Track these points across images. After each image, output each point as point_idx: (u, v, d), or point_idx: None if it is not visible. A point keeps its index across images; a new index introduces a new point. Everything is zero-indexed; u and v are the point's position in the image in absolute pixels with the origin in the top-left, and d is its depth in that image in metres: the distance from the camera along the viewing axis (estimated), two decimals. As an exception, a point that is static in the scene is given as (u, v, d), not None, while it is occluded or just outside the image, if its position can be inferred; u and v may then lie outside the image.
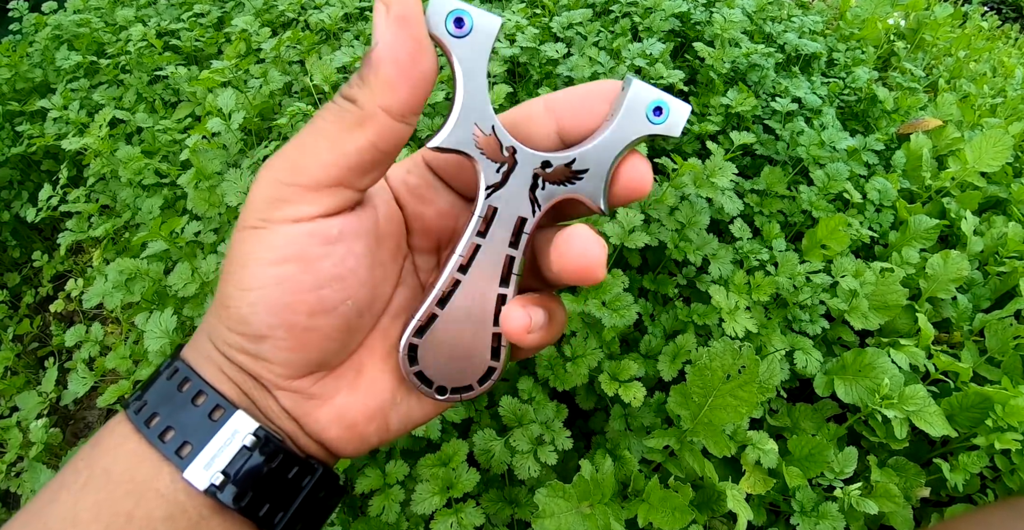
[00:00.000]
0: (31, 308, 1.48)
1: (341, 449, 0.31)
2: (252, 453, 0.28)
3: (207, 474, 0.27)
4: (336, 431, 0.30)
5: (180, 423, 0.27)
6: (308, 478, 0.30)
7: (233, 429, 0.28)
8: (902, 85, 1.41)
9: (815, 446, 0.81)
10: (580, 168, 0.29)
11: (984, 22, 2.30)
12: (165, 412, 0.28)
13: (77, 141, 1.05)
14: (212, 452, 0.27)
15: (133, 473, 0.27)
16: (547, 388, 0.82)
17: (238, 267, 0.27)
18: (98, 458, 0.28)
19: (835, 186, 1.04)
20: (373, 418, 0.31)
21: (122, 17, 1.42)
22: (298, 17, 1.28)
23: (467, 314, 0.30)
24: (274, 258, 0.27)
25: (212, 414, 0.28)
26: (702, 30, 1.24)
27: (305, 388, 0.30)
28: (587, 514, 0.65)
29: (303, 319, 0.28)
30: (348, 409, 0.30)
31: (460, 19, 0.26)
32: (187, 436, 0.27)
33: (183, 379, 0.29)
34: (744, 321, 0.83)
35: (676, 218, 0.92)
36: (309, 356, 0.29)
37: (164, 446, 0.27)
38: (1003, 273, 1.08)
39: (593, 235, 0.27)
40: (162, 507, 0.26)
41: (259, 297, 0.27)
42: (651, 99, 0.28)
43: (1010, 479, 0.85)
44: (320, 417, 0.30)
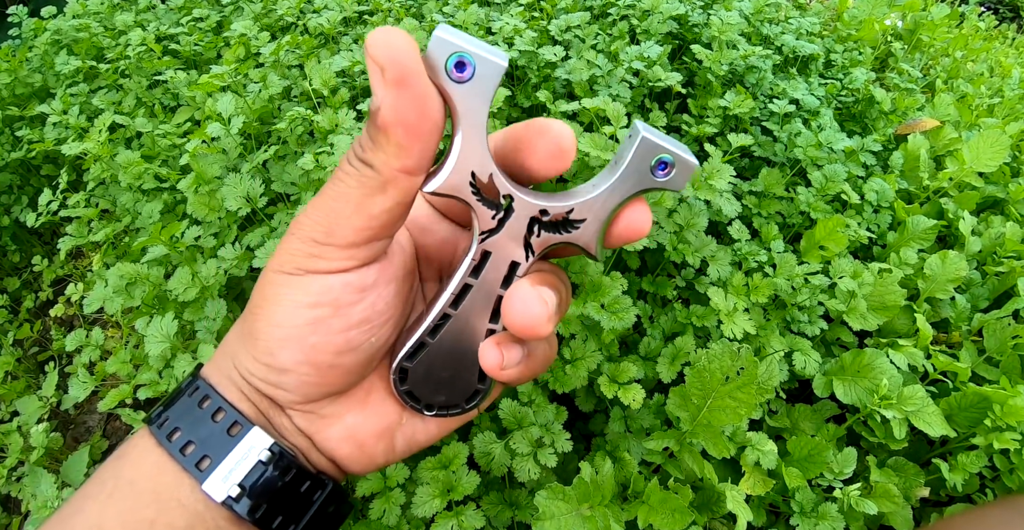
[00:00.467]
0: (31, 313, 1.48)
1: (350, 467, 0.33)
2: (267, 467, 0.29)
3: (224, 486, 0.28)
4: (346, 449, 0.32)
5: (200, 438, 0.29)
6: (319, 493, 0.31)
7: (250, 445, 0.29)
8: (899, 86, 1.42)
9: (814, 447, 0.81)
10: (578, 218, 0.29)
11: (981, 22, 2.30)
12: (186, 427, 0.29)
13: (77, 146, 1.05)
14: (230, 466, 0.29)
15: (156, 484, 0.28)
16: (547, 391, 0.82)
17: (271, 305, 0.29)
18: (122, 470, 0.29)
19: (833, 187, 1.05)
20: (381, 438, 0.33)
21: (121, 22, 1.43)
22: (297, 21, 1.28)
23: (455, 345, 0.31)
24: (309, 302, 0.28)
25: (230, 430, 0.29)
26: (700, 32, 1.25)
27: (318, 409, 0.31)
28: (587, 516, 0.65)
29: (329, 358, 0.29)
30: (358, 428, 0.32)
31: (462, 63, 0.24)
32: (207, 450, 0.29)
33: (203, 397, 0.30)
34: (743, 323, 0.84)
35: (674, 220, 0.92)
36: (328, 389, 0.31)
37: (185, 459, 0.29)
38: (1001, 273, 1.08)
39: (534, 293, 0.27)
40: (183, 517, 0.28)
41: (289, 335, 0.29)
42: (658, 154, 0.27)
43: (1009, 479, 0.85)
44: (331, 435, 0.32)
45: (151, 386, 0.83)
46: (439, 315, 0.30)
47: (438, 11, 1.23)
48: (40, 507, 0.95)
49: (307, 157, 0.85)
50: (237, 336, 0.31)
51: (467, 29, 1.12)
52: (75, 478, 1.10)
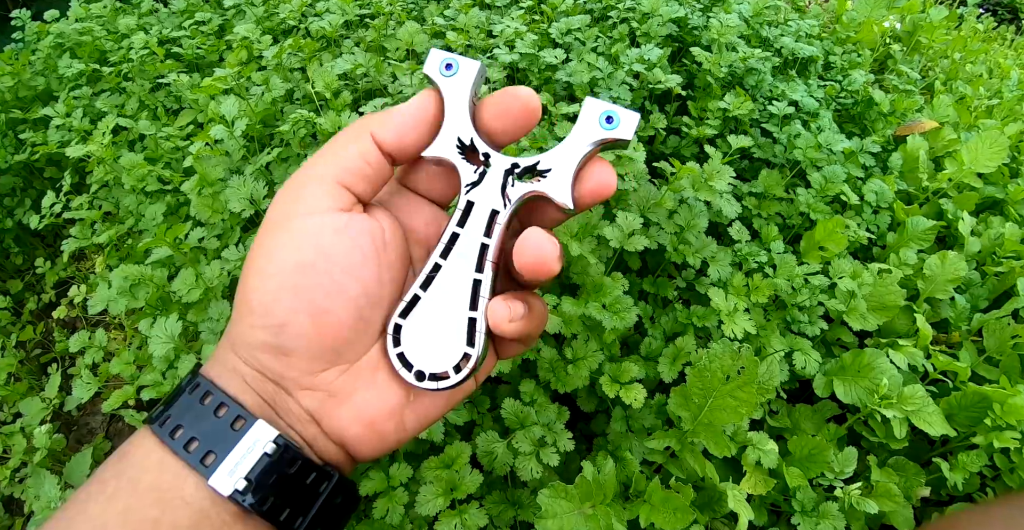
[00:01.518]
0: (34, 314, 1.48)
1: (361, 448, 0.33)
2: (272, 460, 0.29)
3: (231, 481, 0.28)
4: (357, 429, 0.32)
5: (203, 434, 0.29)
6: (325, 484, 0.31)
7: (255, 438, 0.29)
8: (898, 87, 1.42)
9: (815, 446, 0.82)
10: (544, 168, 0.33)
11: (980, 24, 2.31)
12: (188, 424, 0.29)
13: (80, 148, 1.06)
14: (235, 460, 0.29)
15: (159, 482, 0.28)
16: (548, 390, 0.83)
17: (261, 258, 0.31)
18: (124, 469, 0.29)
19: (832, 188, 1.05)
20: (391, 415, 0.33)
21: (124, 25, 1.44)
22: (299, 24, 1.29)
23: (446, 297, 0.33)
24: (293, 244, 0.30)
25: (234, 424, 0.29)
26: (699, 35, 1.25)
27: (327, 384, 0.31)
28: (589, 515, 0.66)
29: (320, 299, 0.30)
30: (367, 406, 0.32)
31: (449, 64, 0.34)
32: (211, 445, 0.29)
33: (205, 393, 0.30)
34: (743, 323, 0.84)
35: (675, 221, 0.93)
36: (327, 342, 0.31)
37: (189, 456, 0.29)
38: (1000, 273, 1.08)
39: (545, 235, 0.31)
40: (187, 515, 0.28)
41: (280, 282, 0.30)
42: (603, 110, 0.33)
43: (1010, 478, 0.86)
44: (342, 415, 0.32)
45: (154, 387, 0.84)
46: (431, 266, 0.33)
47: (439, 14, 1.24)
48: (43, 508, 0.95)
49: (310, 159, 0.86)
50: (233, 319, 0.32)
51: (469, 32, 1.13)
52: (78, 479, 1.10)
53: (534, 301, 0.33)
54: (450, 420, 0.80)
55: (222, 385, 0.31)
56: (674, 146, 1.17)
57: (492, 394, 0.87)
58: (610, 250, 0.88)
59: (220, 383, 0.31)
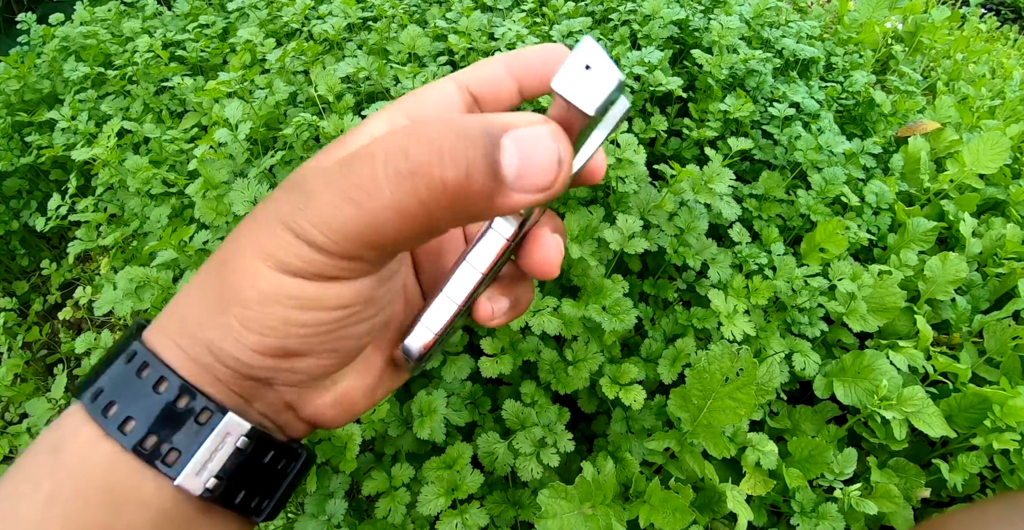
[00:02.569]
0: (40, 316, 1.50)
1: (330, 425, 0.31)
2: (245, 454, 0.27)
3: (199, 480, 0.26)
4: (334, 412, 0.31)
5: (163, 428, 0.26)
6: (292, 464, 0.30)
7: (225, 432, 0.26)
8: (900, 88, 1.42)
9: (815, 447, 0.82)
10: None
11: (982, 24, 2.31)
12: (141, 416, 0.25)
13: (86, 151, 1.07)
14: (204, 457, 0.26)
15: (107, 484, 0.25)
16: (549, 392, 0.83)
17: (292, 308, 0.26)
18: (62, 466, 0.25)
19: (833, 190, 1.05)
20: (366, 394, 0.31)
21: (128, 29, 1.45)
22: (302, 28, 1.30)
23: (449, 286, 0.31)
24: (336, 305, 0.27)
25: (199, 417, 0.26)
26: (700, 37, 1.26)
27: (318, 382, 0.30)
28: (589, 515, 0.66)
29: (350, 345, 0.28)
30: (350, 391, 0.31)
31: None
32: (173, 442, 0.26)
33: (159, 378, 0.26)
34: (743, 324, 0.84)
35: (675, 223, 0.93)
36: (343, 362, 0.29)
37: (146, 453, 0.25)
38: (1001, 274, 1.09)
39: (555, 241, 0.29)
40: (145, 516, 0.25)
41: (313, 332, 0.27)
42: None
43: (1009, 479, 0.86)
44: (321, 403, 0.30)
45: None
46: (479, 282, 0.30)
47: (441, 17, 1.24)
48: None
49: (313, 162, 0.87)
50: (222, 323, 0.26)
51: (471, 34, 1.14)
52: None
53: (523, 293, 0.32)
54: (451, 421, 0.80)
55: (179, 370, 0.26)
56: (675, 148, 1.17)
57: (493, 395, 0.88)
58: (610, 252, 0.88)
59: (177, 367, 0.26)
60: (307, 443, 0.59)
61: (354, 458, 0.75)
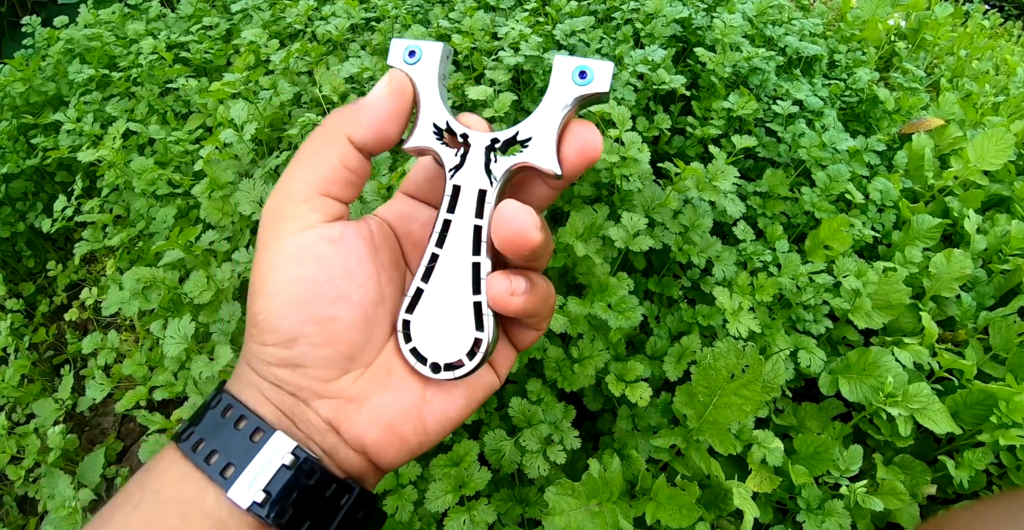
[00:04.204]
0: (46, 317, 1.50)
1: (383, 455, 0.32)
2: (291, 471, 0.29)
3: (249, 493, 0.29)
4: (376, 433, 0.32)
5: (224, 446, 0.29)
6: (346, 497, 0.31)
7: (273, 449, 0.29)
8: (903, 85, 1.42)
9: (821, 444, 0.82)
10: (524, 137, 0.32)
11: (986, 20, 2.30)
12: (210, 437, 0.30)
13: (91, 153, 1.07)
14: (254, 472, 0.29)
15: (180, 494, 0.29)
16: (555, 389, 0.83)
17: (262, 281, 0.31)
18: (149, 481, 0.30)
19: (837, 187, 1.05)
20: (408, 417, 0.32)
21: (132, 30, 1.45)
22: (305, 28, 1.30)
23: (448, 285, 0.32)
24: (290, 261, 0.31)
25: (253, 436, 0.30)
26: (703, 35, 1.26)
27: (342, 390, 0.31)
28: (596, 512, 0.66)
29: (326, 308, 0.30)
30: (384, 408, 0.32)
31: (412, 51, 0.33)
32: (230, 458, 0.29)
33: (227, 407, 0.31)
34: (748, 322, 0.85)
35: (680, 221, 0.93)
36: (339, 348, 0.31)
37: (209, 468, 0.29)
38: (1007, 271, 1.08)
39: (519, 204, 0.29)
40: (206, 525, 0.28)
41: (284, 300, 0.30)
42: (574, 66, 0.31)
43: (1016, 475, 0.86)
44: (359, 420, 0.32)
45: (166, 388, 0.85)
46: (429, 257, 0.33)
47: (444, 17, 1.24)
48: (57, 507, 0.97)
49: (318, 162, 0.87)
50: (245, 341, 0.32)
51: (474, 34, 1.14)
52: (91, 479, 1.12)
53: (536, 277, 0.32)
54: (458, 419, 0.81)
55: (242, 399, 0.31)
56: (678, 146, 1.17)
57: (499, 393, 0.88)
58: (615, 250, 0.89)
59: (240, 397, 0.31)
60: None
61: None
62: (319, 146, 0.32)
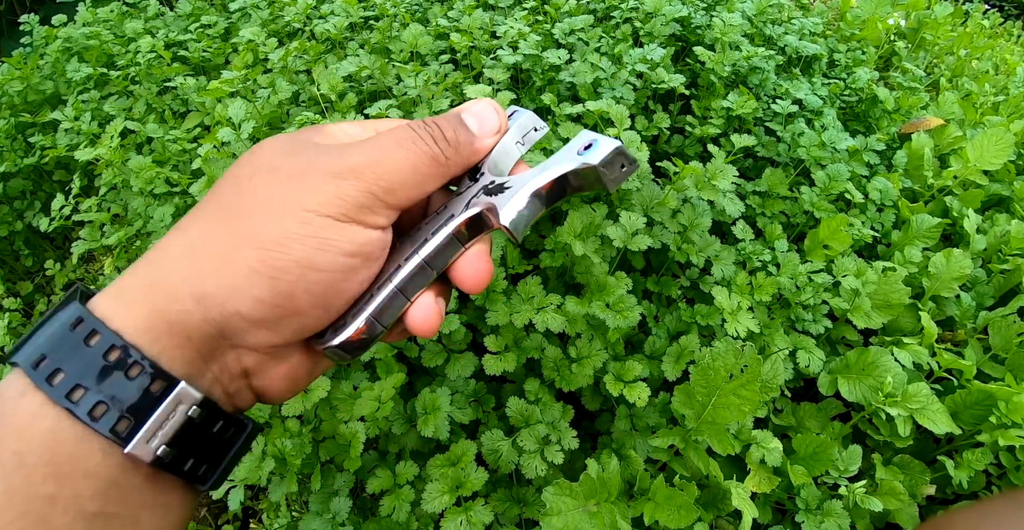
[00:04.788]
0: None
1: (274, 399, 0.34)
2: (195, 423, 0.28)
3: (150, 448, 0.26)
4: (282, 385, 0.33)
5: (113, 397, 0.26)
6: (239, 434, 0.31)
7: (177, 400, 0.27)
8: (903, 85, 1.42)
9: (819, 445, 0.82)
10: (508, 185, 0.34)
11: (985, 20, 2.30)
12: (90, 384, 0.25)
13: (89, 152, 1.07)
14: (155, 426, 0.26)
15: (53, 455, 0.24)
16: (553, 389, 0.83)
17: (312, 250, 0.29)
18: (3, 439, 0.25)
19: (836, 186, 1.05)
20: (311, 371, 0.34)
21: (131, 29, 1.45)
22: (304, 27, 1.30)
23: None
24: (350, 250, 0.30)
25: (151, 387, 0.26)
26: (702, 34, 1.26)
27: (276, 351, 0.32)
28: (594, 512, 0.66)
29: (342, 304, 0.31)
30: (299, 366, 0.33)
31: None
32: (124, 411, 0.26)
33: (109, 346, 0.26)
34: (746, 321, 0.84)
35: (678, 221, 0.93)
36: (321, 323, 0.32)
37: (98, 424, 0.25)
38: (1006, 271, 1.08)
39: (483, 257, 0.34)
40: (91, 485, 0.25)
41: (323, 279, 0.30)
42: (589, 139, 0.33)
43: (1015, 476, 0.86)
44: (275, 374, 0.32)
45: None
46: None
47: (443, 16, 1.24)
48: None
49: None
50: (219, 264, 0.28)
51: (472, 33, 1.14)
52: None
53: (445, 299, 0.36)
54: (455, 419, 0.80)
55: (132, 338, 0.26)
56: (678, 145, 1.17)
57: (497, 393, 0.88)
58: (614, 250, 0.88)
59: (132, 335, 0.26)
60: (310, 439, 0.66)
61: (358, 456, 0.75)
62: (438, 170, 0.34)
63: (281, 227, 0.29)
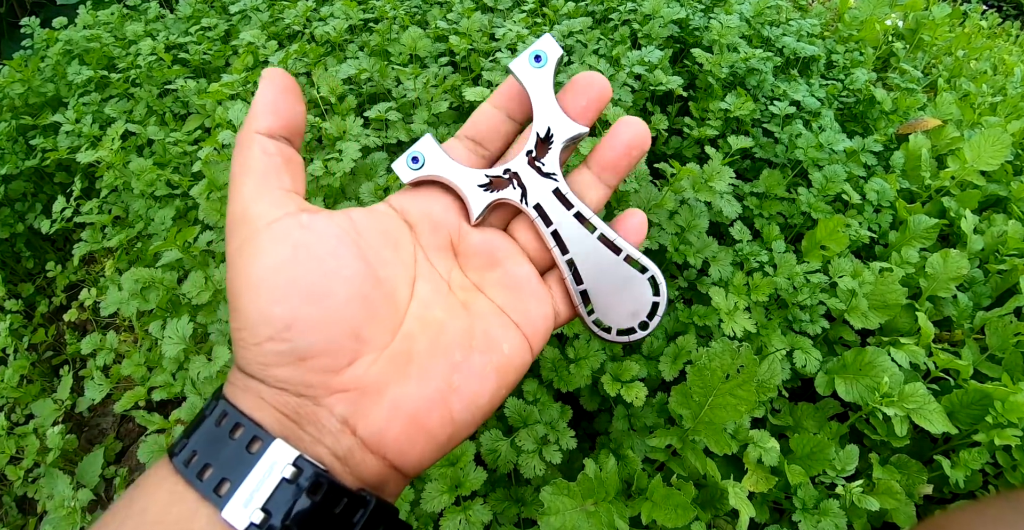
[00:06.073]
0: (45, 317, 1.51)
1: (406, 453, 0.29)
2: (293, 485, 0.26)
3: (246, 512, 0.25)
4: (398, 428, 0.28)
5: (218, 459, 0.26)
6: (360, 513, 0.27)
7: (272, 461, 0.26)
8: (901, 86, 1.42)
9: (817, 444, 0.82)
10: (544, 131, 0.35)
11: (983, 21, 2.31)
12: (204, 449, 0.27)
13: (90, 154, 1.07)
14: (251, 488, 0.25)
15: (168, 515, 0.26)
16: (551, 390, 0.84)
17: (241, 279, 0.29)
18: (137, 499, 0.27)
19: (834, 187, 1.06)
20: (434, 405, 0.29)
21: (131, 32, 1.46)
22: (304, 30, 1.30)
23: (603, 273, 0.35)
24: (266, 250, 0.29)
25: (250, 446, 0.26)
26: (700, 36, 1.26)
27: (358, 379, 0.28)
28: (592, 512, 0.67)
29: (315, 284, 0.28)
30: (406, 399, 0.29)
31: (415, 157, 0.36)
32: (225, 472, 0.26)
33: (222, 414, 0.28)
34: (743, 321, 0.85)
35: (676, 222, 0.93)
36: (341, 326, 0.28)
37: (202, 484, 0.26)
38: (1003, 271, 1.09)
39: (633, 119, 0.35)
40: None
41: (269, 287, 0.28)
42: (526, 58, 0.35)
43: (1012, 475, 0.86)
44: (378, 415, 0.28)
45: (165, 388, 0.85)
46: (566, 266, 0.35)
47: (442, 18, 1.25)
48: (56, 507, 0.97)
49: (316, 163, 0.87)
50: (236, 351, 0.29)
51: (471, 35, 1.14)
52: (90, 479, 1.12)
53: None
54: (455, 419, 0.81)
55: (238, 404, 0.28)
56: (675, 147, 1.17)
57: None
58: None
59: (236, 402, 0.28)
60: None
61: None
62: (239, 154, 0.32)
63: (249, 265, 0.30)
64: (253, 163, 0.31)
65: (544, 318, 0.35)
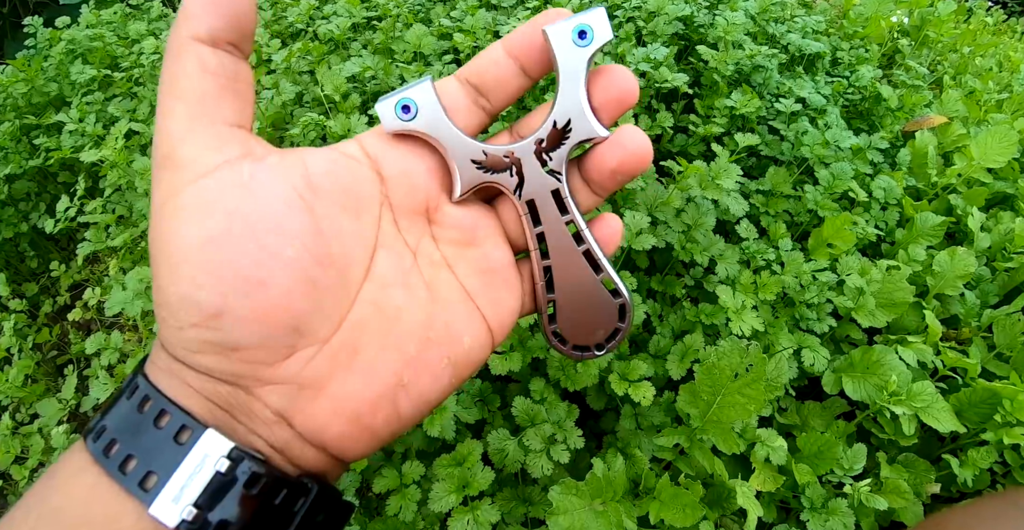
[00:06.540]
0: (49, 317, 1.51)
1: (349, 449, 0.27)
2: (227, 479, 0.23)
3: (176, 508, 0.23)
4: (339, 426, 0.26)
5: (142, 450, 0.23)
6: (302, 501, 0.25)
7: (203, 452, 0.23)
8: (906, 83, 1.42)
9: (824, 443, 0.82)
10: (563, 123, 0.31)
11: (989, 17, 2.29)
12: (125, 438, 0.24)
13: (94, 153, 1.07)
14: (181, 482, 0.23)
15: (88, 513, 0.23)
16: (558, 389, 0.83)
17: (162, 249, 0.24)
18: (50, 494, 0.24)
19: (840, 185, 1.05)
20: (379, 405, 0.27)
21: (134, 31, 1.45)
22: (307, 28, 1.30)
23: (577, 289, 0.33)
24: (193, 218, 0.24)
25: (178, 437, 0.24)
26: (706, 33, 1.26)
27: (294, 374, 0.26)
28: (600, 511, 0.66)
29: (251, 269, 0.24)
30: (349, 397, 0.26)
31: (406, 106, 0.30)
32: (151, 465, 0.23)
33: (143, 397, 0.25)
34: (751, 320, 0.84)
35: (682, 220, 0.93)
36: (278, 319, 0.25)
37: (125, 478, 0.23)
38: (1011, 269, 1.08)
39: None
40: None
41: (196, 266, 0.24)
42: (569, 29, 0.29)
43: (1020, 474, 0.86)
44: (317, 412, 0.26)
45: (170, 387, 0.85)
46: (541, 271, 0.33)
47: (446, 16, 1.24)
48: (63, 507, 0.97)
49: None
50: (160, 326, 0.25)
51: (475, 33, 1.14)
52: (96, 479, 1.12)
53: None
54: (461, 418, 0.81)
55: (163, 388, 0.25)
56: (681, 144, 1.17)
57: (503, 393, 0.88)
58: (617, 249, 0.89)
59: (161, 386, 0.25)
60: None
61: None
62: (169, 70, 0.25)
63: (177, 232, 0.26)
64: (187, 84, 0.25)
65: (512, 312, 0.32)
